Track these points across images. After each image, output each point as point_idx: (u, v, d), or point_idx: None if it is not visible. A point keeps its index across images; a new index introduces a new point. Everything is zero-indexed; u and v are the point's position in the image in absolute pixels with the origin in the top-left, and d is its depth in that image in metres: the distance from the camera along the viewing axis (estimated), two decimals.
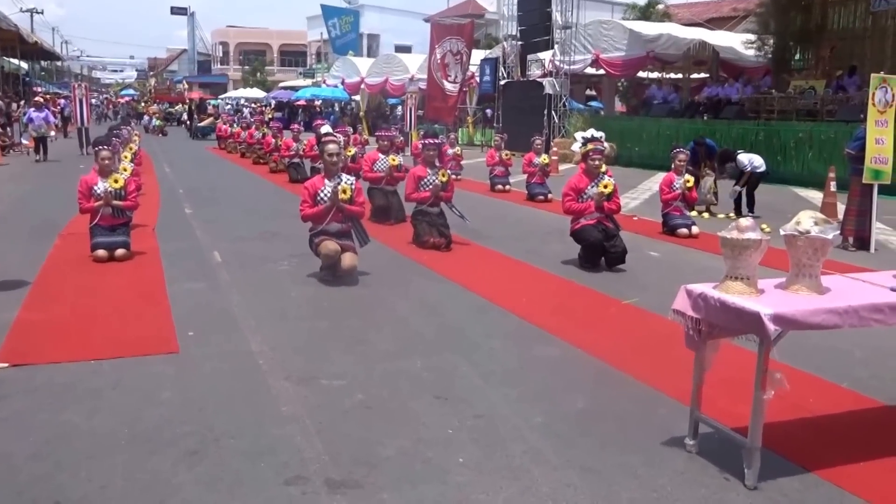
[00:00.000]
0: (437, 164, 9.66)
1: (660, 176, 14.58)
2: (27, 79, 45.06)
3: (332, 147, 7.52)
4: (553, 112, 26.26)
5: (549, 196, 14.46)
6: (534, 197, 14.65)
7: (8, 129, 25.06)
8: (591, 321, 6.35)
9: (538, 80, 27.28)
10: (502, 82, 29.29)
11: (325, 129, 8.23)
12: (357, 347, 5.50)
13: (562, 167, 21.91)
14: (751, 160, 12.85)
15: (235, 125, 28.60)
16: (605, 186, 8.35)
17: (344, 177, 7.70)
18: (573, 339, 5.75)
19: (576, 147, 8.63)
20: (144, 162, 18.25)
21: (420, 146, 10.19)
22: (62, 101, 38.62)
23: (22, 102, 31.90)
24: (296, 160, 17.84)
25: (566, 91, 26.57)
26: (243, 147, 24.81)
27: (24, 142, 24.91)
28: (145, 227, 10.40)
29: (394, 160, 11.82)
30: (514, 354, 5.42)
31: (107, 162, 8.47)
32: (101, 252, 8.21)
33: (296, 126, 18.98)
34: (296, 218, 7.93)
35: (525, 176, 15.17)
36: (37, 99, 24.99)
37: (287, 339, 5.66)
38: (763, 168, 12.94)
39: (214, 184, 17.28)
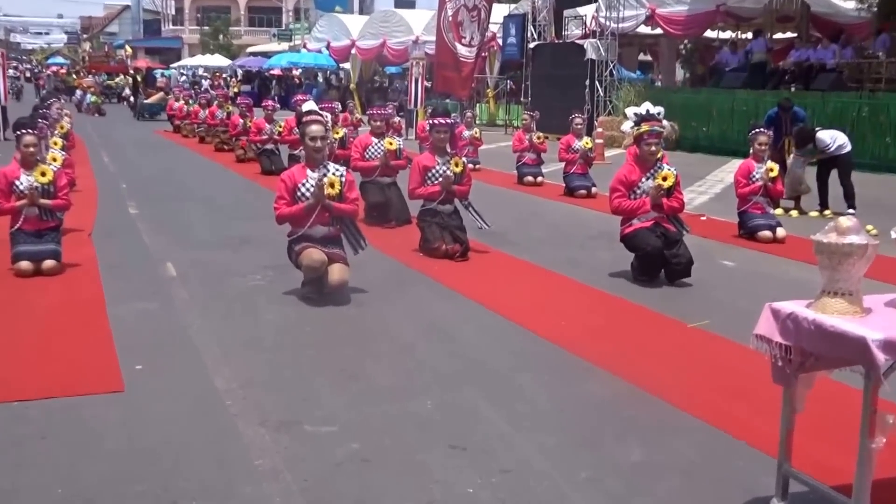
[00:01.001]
0: (450, 150, 9.70)
1: (735, 163, 14.57)
2: None
3: (315, 129, 7.55)
4: (597, 83, 26.30)
5: (594, 190, 14.48)
6: (573, 191, 14.68)
7: None
8: (647, 350, 6.34)
9: (578, 42, 27.33)
10: (531, 45, 29.36)
11: (307, 105, 8.24)
12: (351, 384, 5.52)
13: (608, 153, 21.94)
14: (833, 138, 12.81)
15: (192, 102, 28.74)
16: (665, 178, 8.36)
17: (331, 166, 7.73)
18: (625, 373, 5.75)
19: (626, 127, 8.64)
20: (78, 149, 18.39)
21: (427, 128, 10.23)
22: None
23: None
24: (269, 146, 17.94)
25: (613, 56, 26.62)
26: (202, 130, 24.99)
27: None
28: (80, 232, 10.48)
29: (391, 144, 11.88)
30: (549, 392, 5.43)
31: (31, 150, 8.53)
32: (24, 264, 8.26)
33: (269, 103, 19.04)
34: (270, 219, 7.96)
35: (562, 165, 15.19)
36: None
37: (261, 373, 5.68)
38: (849, 149, 12.87)
39: (166, 176, 17.39)
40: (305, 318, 7.05)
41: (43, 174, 8.55)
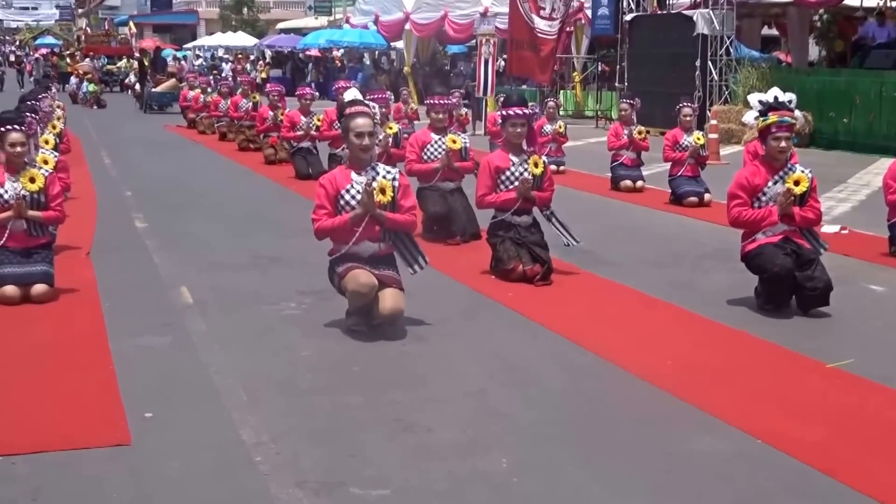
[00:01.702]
0: (527, 147, 9.70)
1: (884, 163, 14.35)
2: None
3: (361, 122, 7.60)
4: (710, 63, 26.12)
5: (707, 197, 14.36)
6: (682, 198, 14.56)
7: None
8: (776, 395, 6.27)
9: (686, 12, 27.19)
10: (628, 17, 29.26)
11: (351, 94, 8.31)
12: (406, 437, 5.54)
13: (725, 150, 21.76)
14: None
15: (211, 91, 29.11)
16: (797, 182, 8.29)
17: (381, 168, 7.79)
18: (748, 425, 5.68)
19: (749, 119, 8.58)
20: (73, 149, 18.74)
21: (499, 120, 10.24)
22: None
23: None
24: (305, 144, 18.08)
25: (730, 29, 26.42)
26: (223, 124, 25.28)
27: None
28: (76, 251, 10.64)
29: (455, 142, 11.91)
30: (652, 448, 5.39)
31: (18, 150, 8.64)
32: (9, 289, 8.38)
33: (305, 91, 19.19)
34: (307, 234, 8.03)
35: (668, 165, 15.10)
36: None
37: (297, 423, 5.72)
38: None
39: (180, 181, 17.63)
40: (351, 355, 7.09)
41: (32, 180, 8.66)
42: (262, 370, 6.72)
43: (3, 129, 8.64)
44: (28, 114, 9.74)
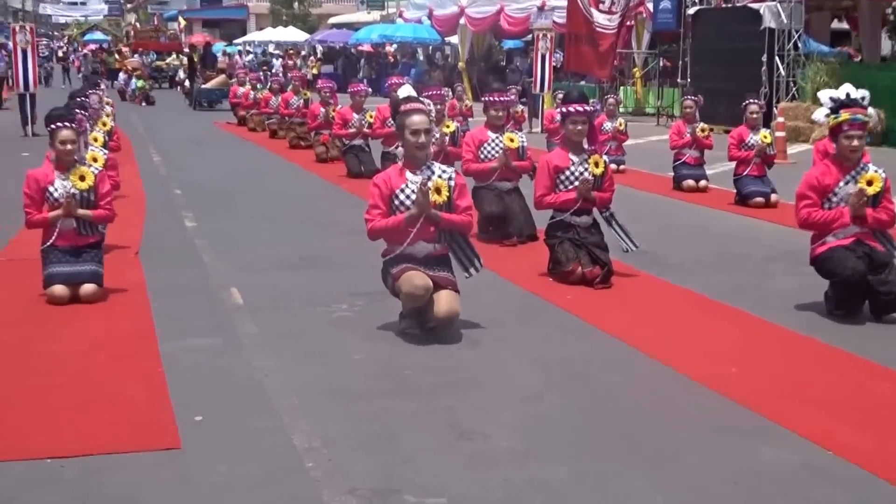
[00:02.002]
0: (587, 146, 9.67)
1: None
2: None
3: (417, 120, 7.61)
4: (777, 59, 25.92)
5: (774, 198, 14.27)
6: (748, 199, 14.47)
7: None
8: (846, 404, 6.21)
9: (752, 6, 27.00)
10: (691, 11, 29.12)
11: (405, 90, 8.33)
12: (462, 444, 5.54)
13: (792, 149, 21.59)
14: None
15: (261, 87, 29.30)
16: (870, 182, 8.21)
17: (437, 167, 7.80)
18: (818, 436, 5.63)
19: (819, 116, 8.51)
20: (122, 147, 18.92)
21: (558, 117, 10.23)
22: None
23: None
24: (358, 141, 18.14)
25: (799, 23, 26.20)
26: (274, 121, 25.46)
27: None
28: (125, 250, 10.76)
29: (512, 140, 11.89)
30: (718, 459, 5.35)
31: (69, 148, 8.72)
32: (58, 289, 8.49)
33: (359, 87, 19.27)
34: (360, 234, 8.06)
35: (733, 165, 15.01)
36: None
37: (350, 428, 5.74)
38: None
39: (230, 180, 17.77)
40: (404, 359, 7.11)
41: (82, 178, 8.74)
42: (313, 374, 6.75)
43: (53, 126, 8.71)
44: (78, 111, 9.83)
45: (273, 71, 43.93)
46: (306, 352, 7.29)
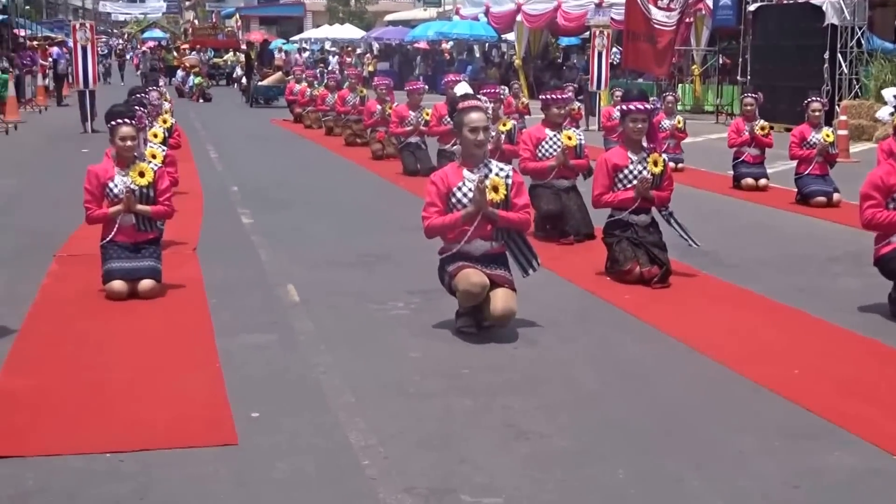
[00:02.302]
0: (647, 144, 9.62)
1: None
2: (4, 18, 47.86)
3: (475, 117, 7.60)
4: (840, 56, 25.66)
5: (836, 197, 14.14)
6: (809, 198, 14.35)
7: None
8: None
9: (814, 2, 26.76)
10: (752, 7, 28.91)
11: (462, 88, 8.35)
12: (519, 444, 5.53)
13: (855, 148, 21.37)
14: None
15: (317, 84, 29.44)
16: None
17: (494, 165, 7.79)
18: (882, 440, 5.56)
19: (884, 115, 8.48)
20: (181, 143, 19.08)
21: (616, 115, 10.19)
22: (55, 49, 40.91)
23: None
24: (414, 139, 18.18)
25: (862, 20, 25.93)
26: (330, 119, 25.55)
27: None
28: (183, 246, 10.88)
29: (570, 138, 11.85)
30: (780, 463, 5.30)
31: (129, 144, 8.80)
32: (117, 284, 8.59)
33: (417, 85, 19.30)
34: (416, 231, 8.08)
35: (794, 163, 14.89)
36: None
37: (406, 426, 5.76)
38: None
39: (286, 177, 17.88)
40: (461, 357, 7.11)
41: (141, 174, 8.84)
42: (369, 371, 6.77)
43: (114, 122, 8.81)
44: (137, 107, 9.92)
45: (329, 68, 44.17)
46: (363, 349, 7.31)
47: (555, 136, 11.75)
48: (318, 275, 9.74)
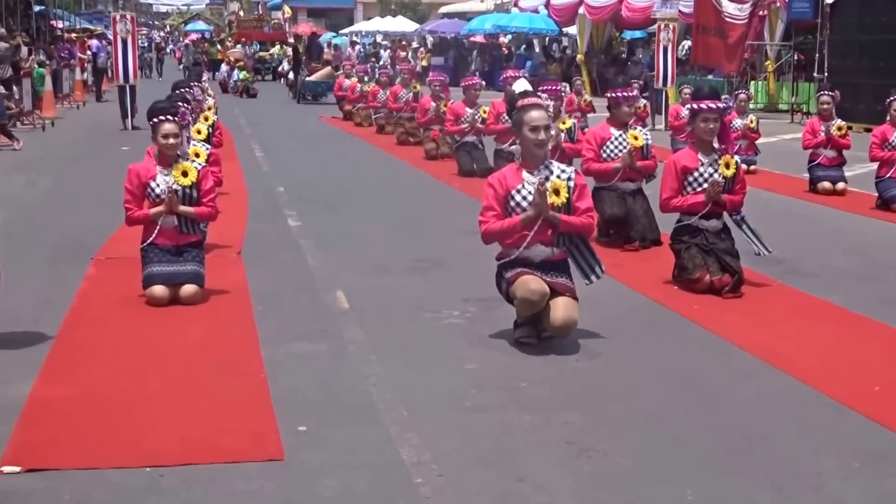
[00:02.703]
0: (719, 145, 9.55)
1: None
2: (42, 9, 48.37)
3: (536, 116, 7.57)
4: None
5: None
6: (891, 202, 14.20)
7: (15, 88, 26.87)
8: None
9: None
10: (830, 0, 28.65)
11: (521, 84, 8.32)
12: (581, 462, 5.51)
13: None
14: None
15: (368, 80, 29.49)
16: None
17: (555, 167, 7.75)
18: None
19: None
20: (224, 141, 19.19)
21: (684, 114, 10.12)
22: (94, 42, 41.25)
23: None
24: (470, 138, 18.14)
25: None
26: (382, 116, 25.56)
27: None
28: (227, 250, 10.91)
29: (636, 139, 11.78)
30: (861, 486, 5.26)
31: (171, 142, 8.83)
32: (158, 289, 8.62)
33: (474, 80, 19.26)
34: (473, 235, 8.07)
35: (875, 166, 14.74)
36: None
37: (461, 442, 5.74)
38: None
39: (335, 177, 17.94)
40: (519, 370, 7.09)
41: (184, 174, 8.84)
42: (423, 384, 6.76)
43: (156, 119, 8.81)
44: (180, 103, 9.94)
45: (381, 63, 44.25)
46: (416, 360, 7.30)
47: (621, 135, 11.67)
48: (369, 281, 9.74)
